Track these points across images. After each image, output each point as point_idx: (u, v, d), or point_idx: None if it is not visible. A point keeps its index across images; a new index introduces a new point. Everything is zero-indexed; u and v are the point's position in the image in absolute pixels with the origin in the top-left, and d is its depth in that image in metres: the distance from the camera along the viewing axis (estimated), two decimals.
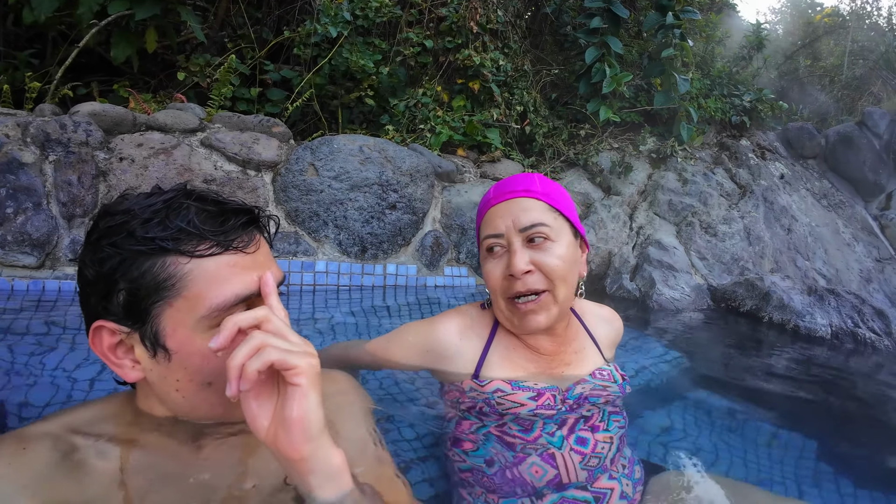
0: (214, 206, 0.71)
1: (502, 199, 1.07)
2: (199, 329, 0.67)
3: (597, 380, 1.12)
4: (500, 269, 1.05)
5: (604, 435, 1.06)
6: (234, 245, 0.69)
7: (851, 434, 1.76)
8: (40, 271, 2.07)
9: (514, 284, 1.02)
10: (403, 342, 1.16)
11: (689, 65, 4.29)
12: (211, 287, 0.66)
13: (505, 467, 1.00)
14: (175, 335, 0.67)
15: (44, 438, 0.69)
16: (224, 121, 2.59)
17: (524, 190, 1.06)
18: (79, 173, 2.14)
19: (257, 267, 0.71)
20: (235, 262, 0.69)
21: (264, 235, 0.78)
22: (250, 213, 0.74)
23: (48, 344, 1.65)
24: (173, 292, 0.66)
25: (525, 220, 1.03)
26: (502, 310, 1.07)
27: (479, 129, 3.40)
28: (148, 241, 0.66)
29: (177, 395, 0.71)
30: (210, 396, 0.70)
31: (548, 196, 1.07)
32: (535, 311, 1.03)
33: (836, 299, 2.98)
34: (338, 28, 3.17)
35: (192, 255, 0.66)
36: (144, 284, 0.66)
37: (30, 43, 3.02)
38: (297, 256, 2.47)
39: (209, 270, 0.67)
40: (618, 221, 3.55)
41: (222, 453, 0.77)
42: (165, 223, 0.66)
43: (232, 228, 0.70)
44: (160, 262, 0.66)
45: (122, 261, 0.67)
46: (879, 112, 4.99)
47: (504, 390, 1.05)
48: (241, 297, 0.68)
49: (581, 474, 1.00)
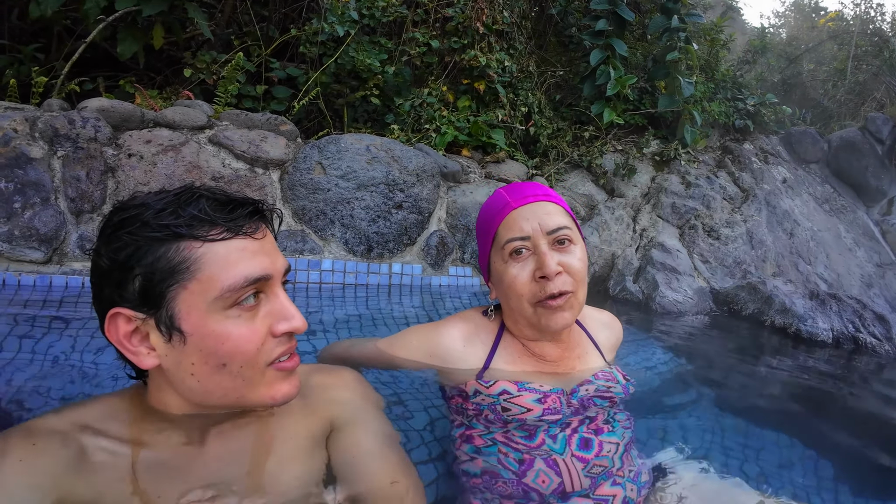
0: (223, 196, 0.75)
1: (524, 203, 1.07)
2: (213, 310, 0.70)
3: (600, 381, 1.13)
4: (527, 271, 1.04)
5: (609, 438, 1.06)
6: (243, 231, 0.72)
7: (851, 438, 1.76)
8: (47, 266, 2.07)
9: (546, 286, 1.02)
10: (408, 344, 1.16)
11: (693, 68, 4.30)
12: (223, 269, 0.69)
13: (512, 475, 1.00)
14: (189, 317, 0.69)
15: (53, 434, 0.69)
16: (232, 118, 2.59)
17: (544, 194, 1.08)
18: (87, 169, 2.14)
19: (265, 253, 0.74)
20: (245, 247, 0.72)
21: (270, 227, 0.81)
22: (255, 204, 0.77)
23: (52, 337, 1.66)
24: (188, 275, 0.69)
25: (551, 223, 1.04)
26: (527, 316, 1.06)
27: (484, 130, 3.41)
28: (163, 228, 0.69)
29: (192, 380, 0.72)
30: (224, 380, 0.72)
31: (561, 201, 1.10)
32: (563, 308, 1.04)
33: (838, 304, 2.99)
34: (345, 27, 3.17)
35: (204, 239, 0.70)
36: (160, 269, 0.68)
37: (35, 37, 3.02)
38: (304, 254, 2.48)
39: (220, 254, 0.70)
40: (621, 223, 3.56)
41: (231, 450, 0.79)
42: (178, 212, 0.70)
43: (240, 216, 0.73)
44: (174, 247, 0.69)
45: (138, 248, 0.69)
46: (882, 117, 5.00)
47: (510, 392, 1.05)
48: (250, 279, 0.71)
49: (584, 482, 0.99)
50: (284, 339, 0.75)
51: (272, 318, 0.74)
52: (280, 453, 0.82)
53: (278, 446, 0.83)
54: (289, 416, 0.86)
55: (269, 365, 0.74)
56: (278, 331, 0.74)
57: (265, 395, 0.75)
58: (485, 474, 1.02)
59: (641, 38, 4.70)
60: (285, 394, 0.77)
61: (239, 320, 0.71)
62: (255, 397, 0.75)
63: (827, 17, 7.38)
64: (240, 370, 0.72)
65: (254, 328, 0.72)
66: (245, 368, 0.72)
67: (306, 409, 0.88)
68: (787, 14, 9.75)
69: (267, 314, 0.74)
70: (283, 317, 0.74)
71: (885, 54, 6.04)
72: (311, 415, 0.88)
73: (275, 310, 0.75)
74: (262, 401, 0.76)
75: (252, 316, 0.73)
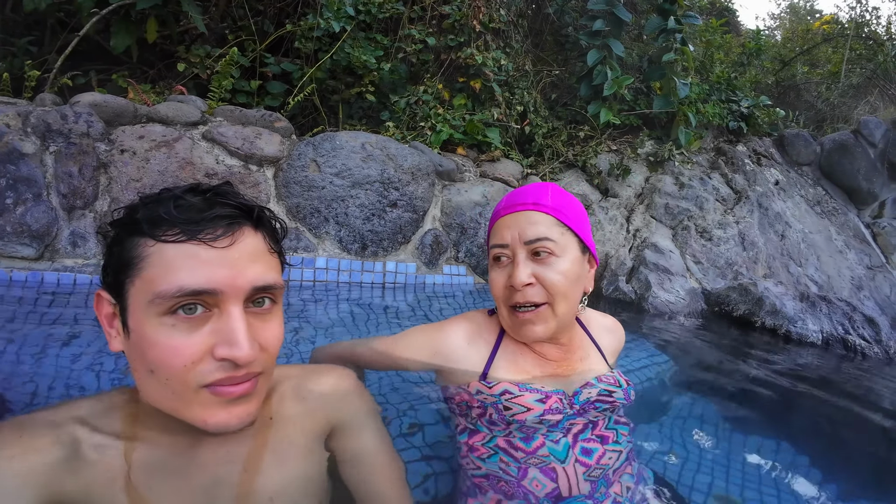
0: (205, 200, 0.70)
1: (511, 211, 1.08)
2: (149, 314, 0.66)
3: (602, 384, 1.13)
4: (503, 278, 1.07)
5: (613, 447, 1.07)
6: (199, 236, 0.66)
7: (840, 440, 1.78)
8: (39, 263, 2.05)
9: (514, 295, 1.04)
10: (411, 344, 1.17)
11: (688, 69, 4.32)
12: (162, 273, 0.65)
13: (511, 478, 1.01)
14: (134, 315, 0.67)
15: (47, 430, 0.69)
16: (226, 114, 2.58)
17: (533, 203, 1.07)
18: (79, 165, 2.13)
19: (224, 265, 0.67)
20: (195, 254, 0.66)
21: (265, 235, 0.75)
22: (240, 210, 0.71)
23: (42, 333, 1.65)
24: (136, 272, 0.67)
25: (530, 234, 1.04)
26: (504, 317, 1.10)
27: (480, 129, 3.41)
28: (135, 222, 0.68)
29: (137, 378, 0.71)
30: (155, 387, 0.68)
31: (557, 211, 1.07)
32: (532, 322, 1.05)
33: (828, 306, 3.02)
34: (341, 23, 3.16)
35: (157, 238, 0.66)
36: (121, 260, 0.68)
37: (28, 30, 2.99)
38: (298, 252, 2.47)
39: (166, 256, 0.66)
40: (615, 224, 3.58)
41: (228, 450, 0.78)
42: (153, 208, 0.68)
43: (206, 219, 0.67)
44: (133, 242, 0.68)
45: (116, 236, 0.71)
46: (875, 121, 5.04)
47: (512, 392, 1.06)
48: (185, 291, 0.64)
49: (584, 486, 1.00)
50: (229, 365, 0.67)
51: (217, 338, 0.67)
52: (277, 453, 0.81)
53: (276, 446, 0.82)
54: (287, 415, 0.85)
55: (203, 386, 0.67)
56: (218, 355, 0.66)
57: (198, 416, 0.68)
58: (490, 475, 1.03)
59: (638, 39, 4.71)
60: (219, 423, 0.69)
61: (172, 330, 0.65)
62: (189, 415, 0.68)
63: (822, 21, 7.41)
64: (167, 382, 0.67)
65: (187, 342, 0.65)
66: (172, 382, 0.66)
67: (305, 409, 0.88)
68: (782, 16, 9.80)
69: (213, 332, 0.67)
70: (227, 341, 0.66)
71: (879, 58, 6.08)
72: (309, 415, 0.88)
73: (221, 330, 0.67)
74: (194, 421, 0.69)
75: (191, 328, 0.66)
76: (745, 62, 5.21)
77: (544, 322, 1.05)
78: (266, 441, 0.81)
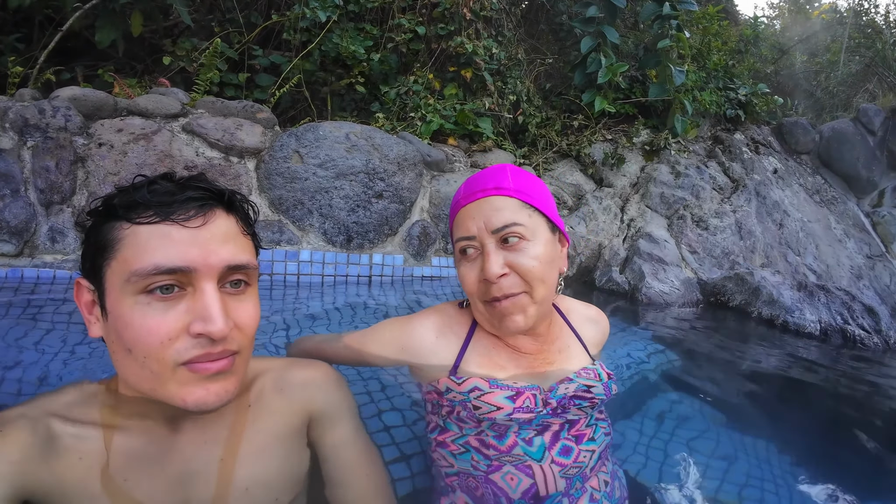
0: (178, 185, 0.73)
1: (473, 199, 1.01)
2: (124, 293, 0.68)
3: (581, 378, 1.08)
4: (474, 272, 1.00)
5: (588, 446, 1.02)
6: (172, 217, 0.69)
7: (837, 432, 1.75)
8: (19, 259, 2.02)
9: (490, 289, 0.98)
10: (380, 339, 1.13)
11: (684, 57, 4.26)
12: (137, 253, 0.68)
13: (483, 476, 0.97)
14: (110, 296, 0.70)
15: (22, 423, 0.69)
16: (207, 106, 2.54)
17: (494, 188, 1.00)
18: (56, 159, 2.09)
19: (196, 244, 0.70)
20: (168, 234, 0.69)
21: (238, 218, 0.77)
22: (211, 192, 0.74)
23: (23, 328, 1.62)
24: (112, 253, 0.69)
25: (497, 221, 0.97)
26: (481, 312, 1.04)
27: (471, 119, 3.36)
28: (111, 208, 0.71)
29: (116, 361, 0.73)
30: (133, 367, 0.70)
31: (520, 192, 1.01)
32: (512, 312, 0.99)
33: (826, 295, 2.97)
34: (327, 12, 3.11)
35: (133, 221, 0.69)
36: (97, 244, 0.71)
37: (16, 27, 2.96)
38: (281, 245, 2.43)
39: (140, 237, 0.68)
40: (609, 213, 3.53)
41: (206, 437, 0.79)
42: (128, 194, 0.71)
43: (178, 201, 0.70)
44: (110, 226, 0.70)
45: (93, 223, 0.73)
46: (874, 109, 4.97)
47: (481, 388, 1.01)
48: (161, 269, 0.67)
49: (560, 484, 0.96)
50: (205, 342, 0.69)
51: (192, 315, 0.69)
52: (255, 442, 0.82)
53: (253, 435, 0.83)
54: (266, 406, 0.86)
55: (181, 364, 0.69)
56: (193, 331, 0.68)
57: (176, 395, 0.70)
58: (461, 473, 1.00)
59: (633, 26, 4.65)
60: (197, 400, 0.70)
61: (147, 308, 0.67)
62: (167, 394, 0.70)
63: (821, 9, 7.33)
64: (144, 361, 0.68)
65: (162, 321, 0.67)
66: (149, 361, 0.68)
67: (283, 401, 0.88)
68: (781, 5, 9.69)
69: (188, 310, 0.69)
70: (201, 316, 0.68)
71: (877, 46, 6.00)
72: (288, 406, 0.88)
73: (195, 307, 0.69)
74: (173, 400, 0.70)
75: (166, 308, 0.68)
76: (742, 49, 5.14)
77: (524, 311, 0.99)
78: (244, 430, 0.83)
